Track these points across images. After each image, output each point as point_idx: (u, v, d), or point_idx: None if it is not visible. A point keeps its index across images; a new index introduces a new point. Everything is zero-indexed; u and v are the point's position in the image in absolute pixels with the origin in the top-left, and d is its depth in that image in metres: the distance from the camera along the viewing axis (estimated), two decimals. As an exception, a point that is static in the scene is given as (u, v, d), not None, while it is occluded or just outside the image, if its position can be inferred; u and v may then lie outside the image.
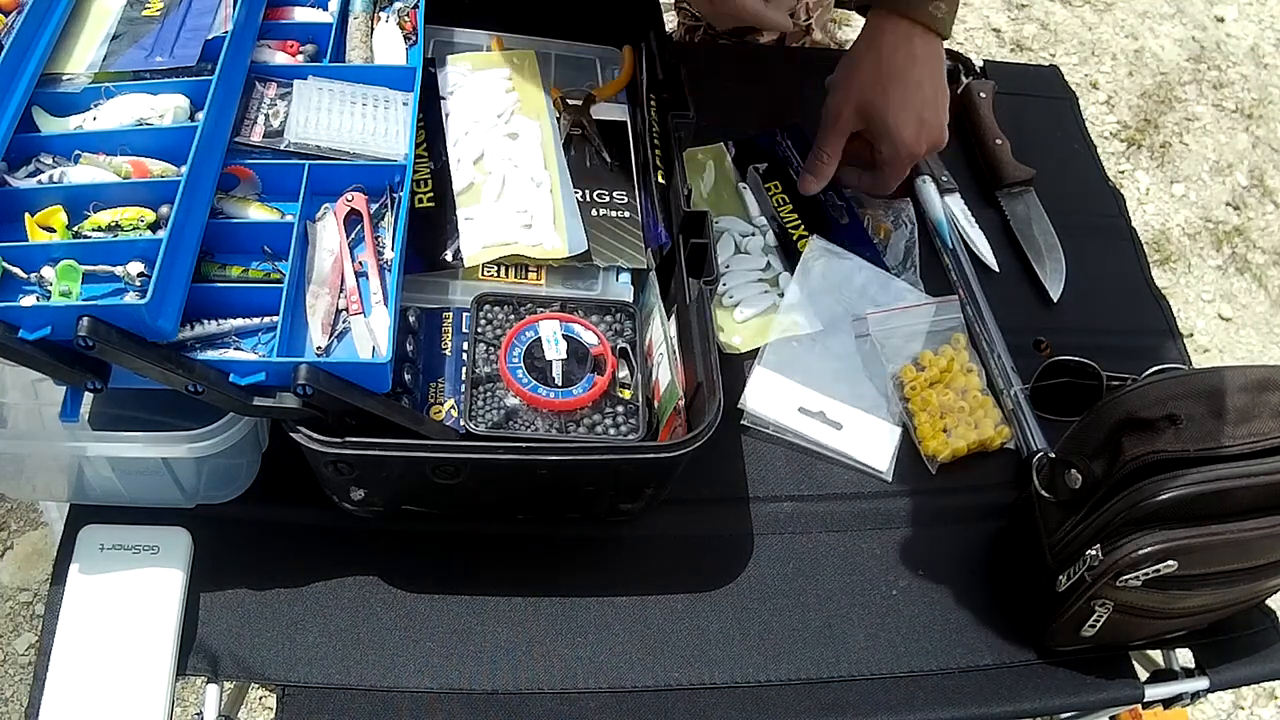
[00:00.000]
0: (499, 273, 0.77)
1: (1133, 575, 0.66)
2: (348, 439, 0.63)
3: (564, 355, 0.72)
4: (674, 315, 0.77)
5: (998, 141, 1.03)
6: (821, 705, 0.72)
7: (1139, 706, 0.77)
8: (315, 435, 0.63)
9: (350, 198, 0.71)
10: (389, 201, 0.72)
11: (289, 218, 0.69)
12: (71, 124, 0.68)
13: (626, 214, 0.81)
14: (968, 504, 0.83)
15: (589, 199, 0.81)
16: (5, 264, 0.60)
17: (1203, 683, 0.77)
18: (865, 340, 0.88)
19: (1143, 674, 0.78)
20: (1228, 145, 2.24)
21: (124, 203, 0.64)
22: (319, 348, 0.66)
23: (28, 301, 0.60)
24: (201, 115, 0.66)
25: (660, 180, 0.82)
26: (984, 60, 1.12)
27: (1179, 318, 0.99)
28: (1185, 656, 0.79)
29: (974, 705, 0.73)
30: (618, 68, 0.93)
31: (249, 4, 0.72)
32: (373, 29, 0.80)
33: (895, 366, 0.87)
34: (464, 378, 0.72)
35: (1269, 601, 0.79)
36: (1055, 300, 0.95)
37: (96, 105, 0.68)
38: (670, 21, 1.34)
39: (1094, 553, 0.68)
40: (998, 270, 0.96)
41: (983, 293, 0.93)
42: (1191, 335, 1.97)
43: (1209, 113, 2.29)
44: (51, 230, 0.63)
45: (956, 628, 0.77)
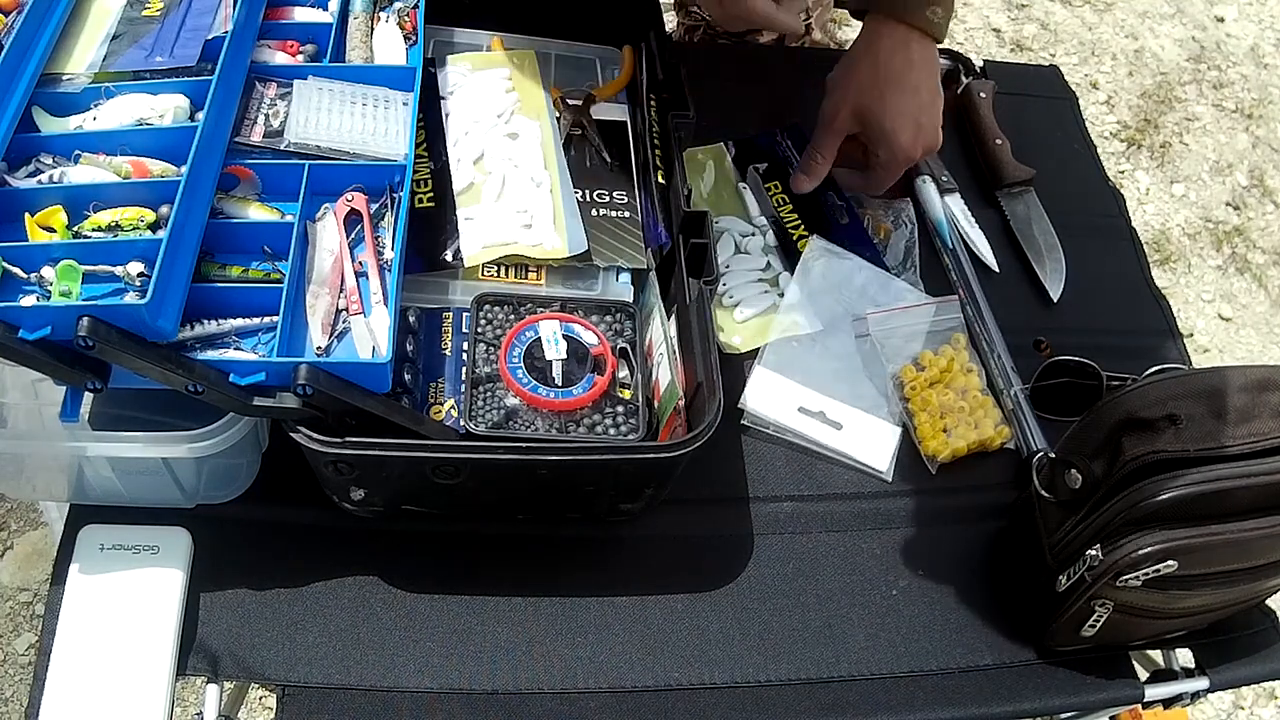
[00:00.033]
0: (499, 273, 0.77)
1: (1133, 575, 0.66)
2: (348, 439, 0.63)
3: (564, 355, 0.72)
4: (674, 315, 0.77)
5: (998, 141, 1.02)
6: (821, 705, 0.72)
7: (1139, 706, 0.77)
8: (315, 435, 0.63)
9: (350, 198, 0.71)
10: (389, 201, 0.72)
11: (289, 218, 0.69)
12: (71, 124, 0.68)
13: (626, 214, 0.81)
14: (968, 504, 0.83)
15: (589, 199, 0.81)
16: (5, 264, 0.60)
17: (1203, 683, 0.77)
18: (865, 340, 0.88)
19: (1143, 674, 0.78)
20: (1228, 145, 2.24)
21: (124, 203, 0.64)
22: (319, 348, 0.66)
23: (28, 301, 0.60)
24: (201, 115, 0.66)
25: (660, 180, 0.82)
26: (984, 60, 1.12)
27: (1179, 318, 0.99)
28: (1185, 656, 0.79)
29: (974, 705, 0.73)
30: (618, 68, 0.93)
31: (249, 4, 0.72)
32: (373, 29, 0.80)
33: (895, 366, 0.87)
34: (464, 378, 0.72)
35: (1269, 601, 0.79)
36: (1055, 300, 0.95)
37: (96, 105, 0.68)
38: (670, 21, 1.34)
39: (1094, 553, 0.68)
40: (998, 270, 0.96)
41: (983, 293, 0.93)
42: (1191, 335, 1.97)
43: (1209, 113, 2.29)
44: (51, 230, 0.63)
45: (956, 628, 0.77)
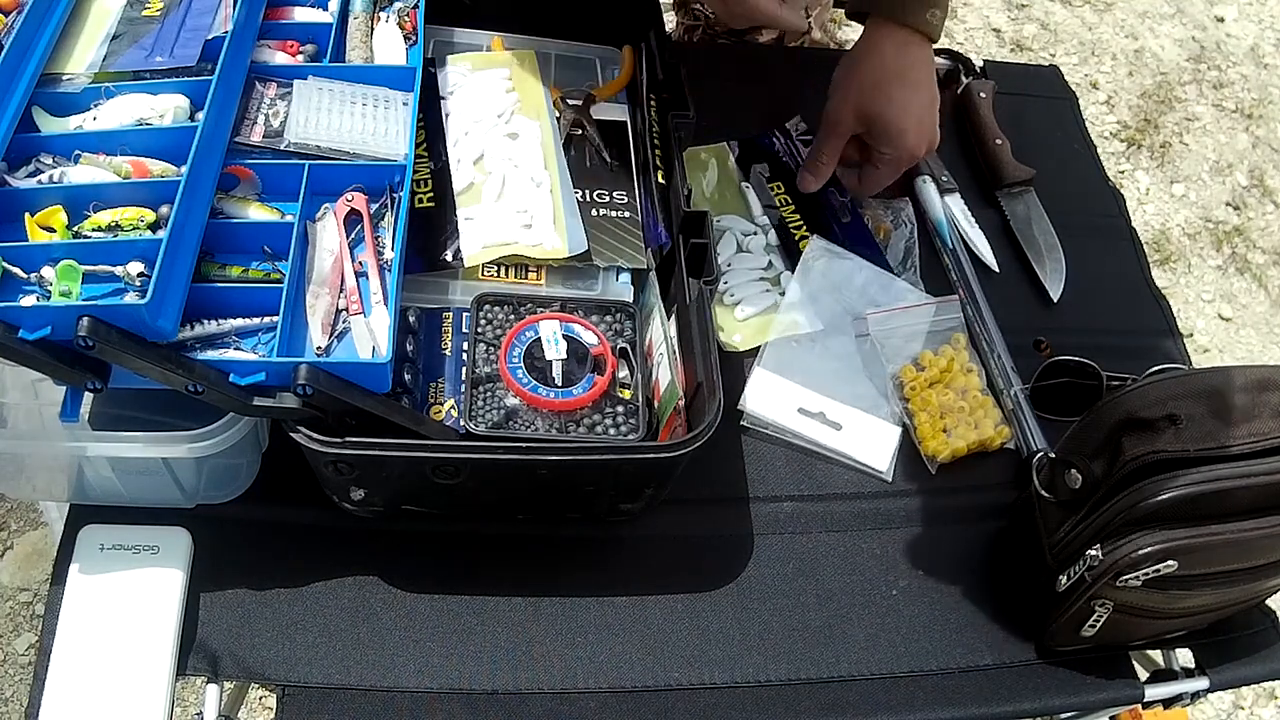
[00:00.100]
0: (499, 273, 0.77)
1: (1133, 575, 0.66)
2: (348, 439, 0.63)
3: (564, 355, 0.72)
4: (674, 315, 0.77)
5: (998, 141, 1.02)
6: (821, 705, 0.72)
7: (1139, 706, 0.77)
8: (315, 435, 0.63)
9: (350, 198, 0.71)
10: (389, 201, 0.72)
11: (289, 218, 0.69)
12: (71, 124, 0.68)
13: (626, 214, 0.81)
14: (968, 504, 0.83)
15: (589, 199, 0.81)
16: (5, 264, 0.60)
17: (1203, 683, 0.77)
18: (865, 340, 0.88)
19: (1143, 674, 0.78)
20: (1228, 145, 2.24)
21: (124, 203, 0.64)
22: (319, 348, 0.66)
23: (28, 301, 0.60)
24: (201, 115, 0.66)
25: (660, 180, 0.82)
26: (984, 60, 1.12)
27: (1179, 318, 0.99)
28: (1185, 656, 0.79)
29: (974, 705, 0.73)
30: (618, 68, 0.93)
31: (249, 4, 0.72)
32: (373, 29, 0.80)
33: (895, 366, 0.87)
34: (464, 378, 0.72)
35: (1269, 601, 0.79)
36: (1055, 300, 0.95)
37: (96, 105, 0.68)
38: (670, 21, 1.34)
39: (1094, 553, 0.68)
40: (998, 270, 0.96)
41: (983, 293, 0.93)
42: (1191, 335, 1.97)
43: (1209, 113, 2.29)
44: (51, 230, 0.63)
45: (956, 628, 0.77)
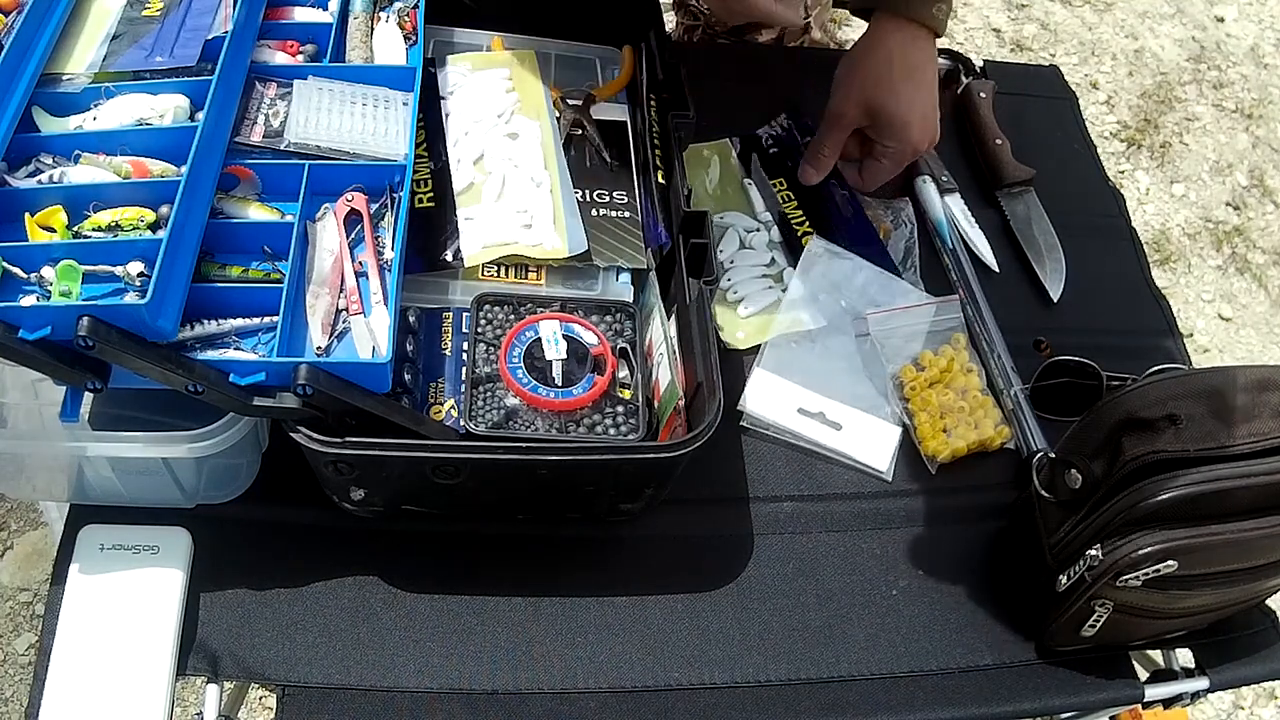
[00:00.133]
0: (499, 273, 0.77)
1: (1133, 575, 0.66)
2: (348, 439, 0.63)
3: (564, 355, 0.72)
4: (674, 315, 0.77)
5: (998, 141, 1.02)
6: (821, 705, 0.72)
7: (1139, 706, 0.77)
8: (315, 435, 0.63)
9: (350, 198, 0.71)
10: (389, 201, 0.72)
11: (289, 218, 0.69)
12: (71, 124, 0.68)
13: (626, 214, 0.81)
14: (968, 504, 0.83)
15: (589, 199, 0.81)
16: (5, 264, 0.60)
17: (1203, 683, 0.77)
18: (865, 340, 0.88)
19: (1143, 674, 0.78)
20: (1228, 145, 2.24)
21: (124, 203, 0.64)
22: (319, 348, 0.66)
23: (28, 301, 0.60)
24: (201, 115, 0.66)
25: (660, 180, 0.82)
26: (984, 60, 1.12)
27: (1179, 318, 0.99)
28: (1185, 656, 0.79)
29: (974, 705, 0.73)
30: (618, 68, 0.93)
31: (249, 4, 0.72)
32: (373, 29, 0.80)
33: (895, 366, 0.87)
34: (464, 378, 0.72)
35: (1269, 601, 0.79)
36: (1055, 300, 0.95)
37: (96, 105, 0.68)
38: (670, 21, 1.34)
39: (1094, 553, 0.68)
40: (998, 270, 0.96)
41: (983, 293, 0.93)
42: (1191, 335, 1.97)
43: (1209, 113, 2.29)
44: (51, 230, 0.63)
45: (956, 628, 0.77)
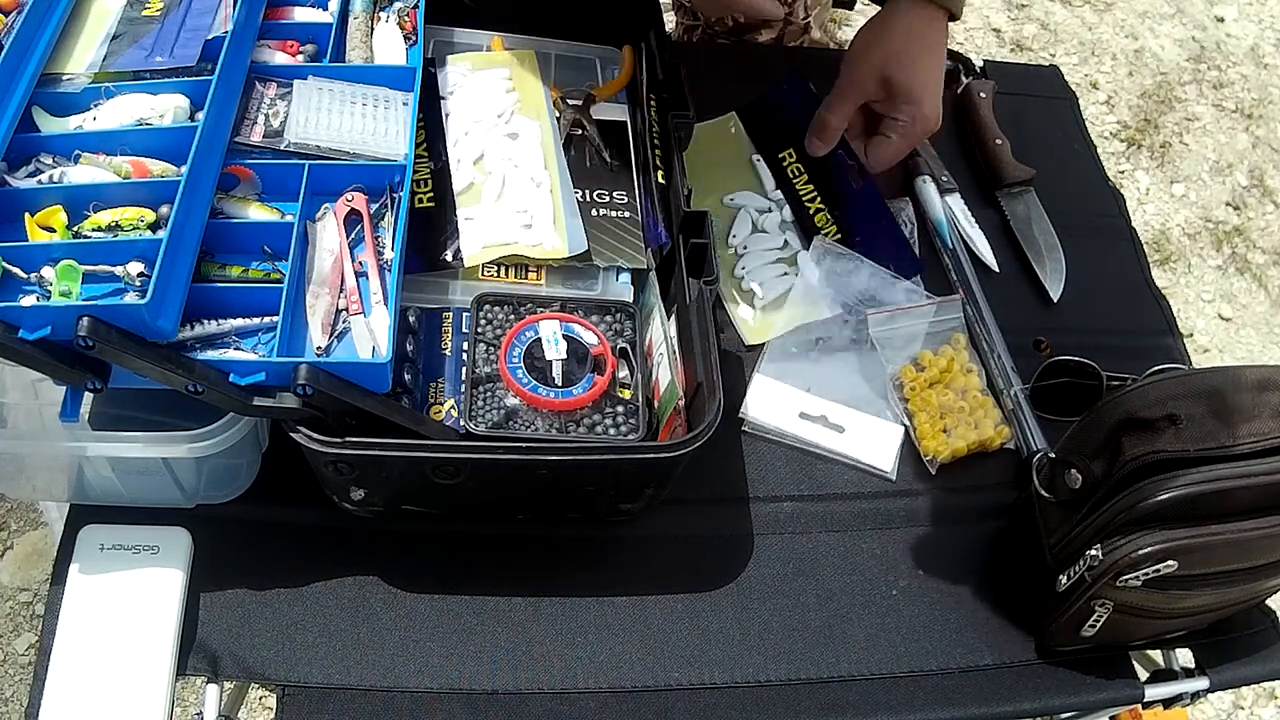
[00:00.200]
0: (499, 273, 0.77)
1: (1133, 575, 0.66)
2: (348, 439, 0.63)
3: (564, 355, 0.72)
4: (674, 315, 0.77)
5: (998, 141, 1.02)
6: (821, 705, 0.72)
7: (1139, 706, 0.77)
8: (315, 435, 0.63)
9: (350, 198, 0.71)
10: (389, 201, 0.72)
11: (289, 218, 0.69)
12: (71, 124, 0.68)
13: (626, 214, 0.81)
14: (968, 504, 0.83)
15: (589, 199, 0.81)
16: (5, 264, 0.60)
17: (1203, 683, 0.77)
18: (865, 340, 0.88)
19: (1143, 674, 0.78)
20: (1228, 145, 2.24)
21: (124, 203, 0.64)
22: (319, 348, 0.66)
23: (28, 301, 0.60)
24: (201, 115, 0.66)
25: (660, 180, 0.82)
26: (984, 60, 1.12)
27: (1179, 318, 0.99)
28: (1185, 656, 0.79)
29: (974, 705, 0.73)
30: (618, 68, 0.93)
31: (249, 4, 0.72)
32: (373, 29, 0.80)
33: (895, 366, 0.87)
34: (464, 378, 0.72)
35: (1269, 601, 0.79)
36: (1055, 300, 0.95)
37: (96, 105, 0.68)
38: (670, 21, 1.34)
39: (1094, 553, 0.68)
40: (998, 270, 0.96)
41: (983, 293, 0.93)
42: (1191, 335, 1.97)
43: (1209, 113, 2.29)
44: (51, 230, 0.63)
45: (956, 628, 0.77)
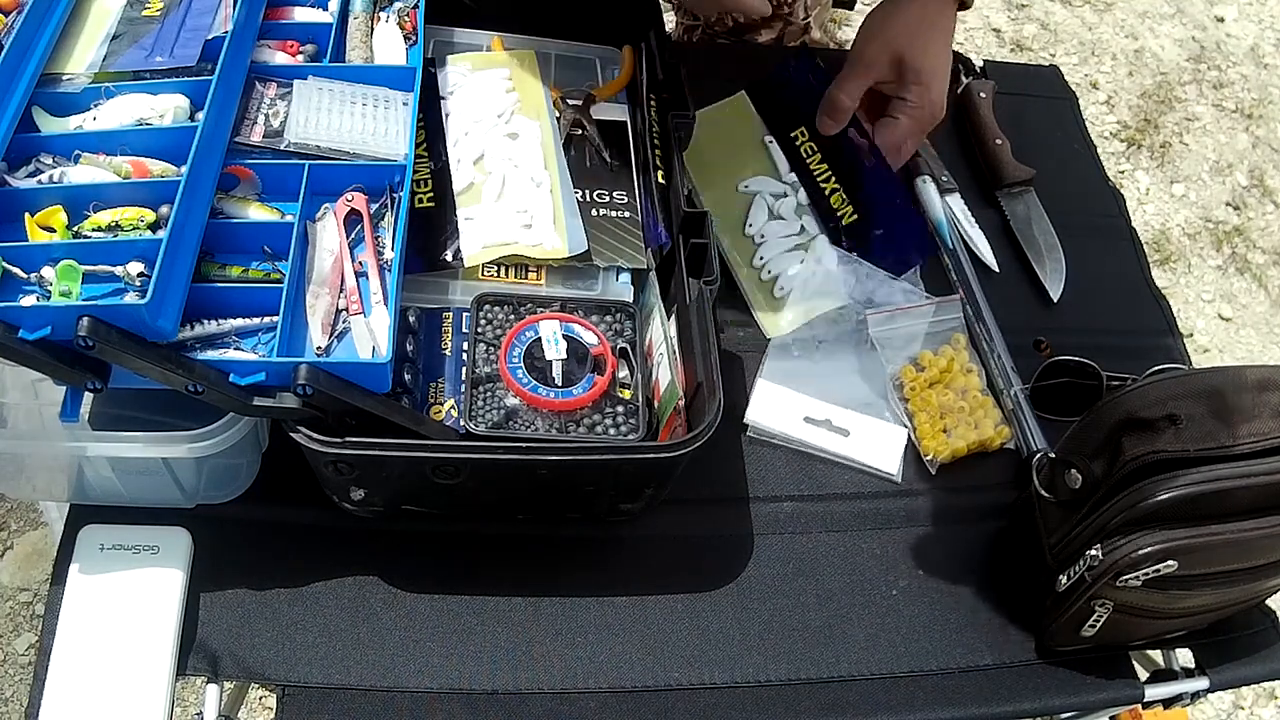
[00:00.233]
0: (499, 273, 0.77)
1: (1133, 575, 0.66)
2: (348, 439, 0.63)
3: (564, 355, 0.72)
4: (674, 315, 0.77)
5: (998, 141, 1.02)
6: (821, 705, 0.72)
7: (1139, 706, 0.77)
8: (315, 435, 0.63)
9: (350, 198, 0.71)
10: (389, 201, 0.72)
11: (289, 218, 0.69)
12: (71, 124, 0.68)
13: (626, 214, 0.81)
14: (968, 504, 0.83)
15: (589, 199, 0.81)
16: (5, 264, 0.60)
17: (1203, 683, 0.77)
18: (865, 341, 0.88)
19: (1143, 674, 0.78)
20: (1228, 145, 2.24)
21: (124, 203, 0.64)
22: (319, 348, 0.66)
23: (28, 301, 0.60)
24: (201, 115, 0.66)
25: (660, 180, 0.82)
26: (984, 60, 1.11)
27: (1179, 318, 0.99)
28: (1185, 656, 0.79)
29: (974, 705, 0.73)
30: (618, 68, 0.93)
31: (249, 4, 0.72)
32: (373, 29, 0.80)
33: (895, 367, 0.87)
34: (464, 378, 0.72)
35: (1269, 601, 0.79)
36: (1055, 300, 0.95)
37: (96, 105, 0.68)
38: (670, 21, 1.34)
39: (1094, 553, 0.68)
40: (998, 270, 0.96)
41: (983, 293, 0.93)
42: (1191, 335, 1.97)
43: (1209, 113, 2.29)
44: (51, 230, 0.63)
45: (956, 628, 0.77)
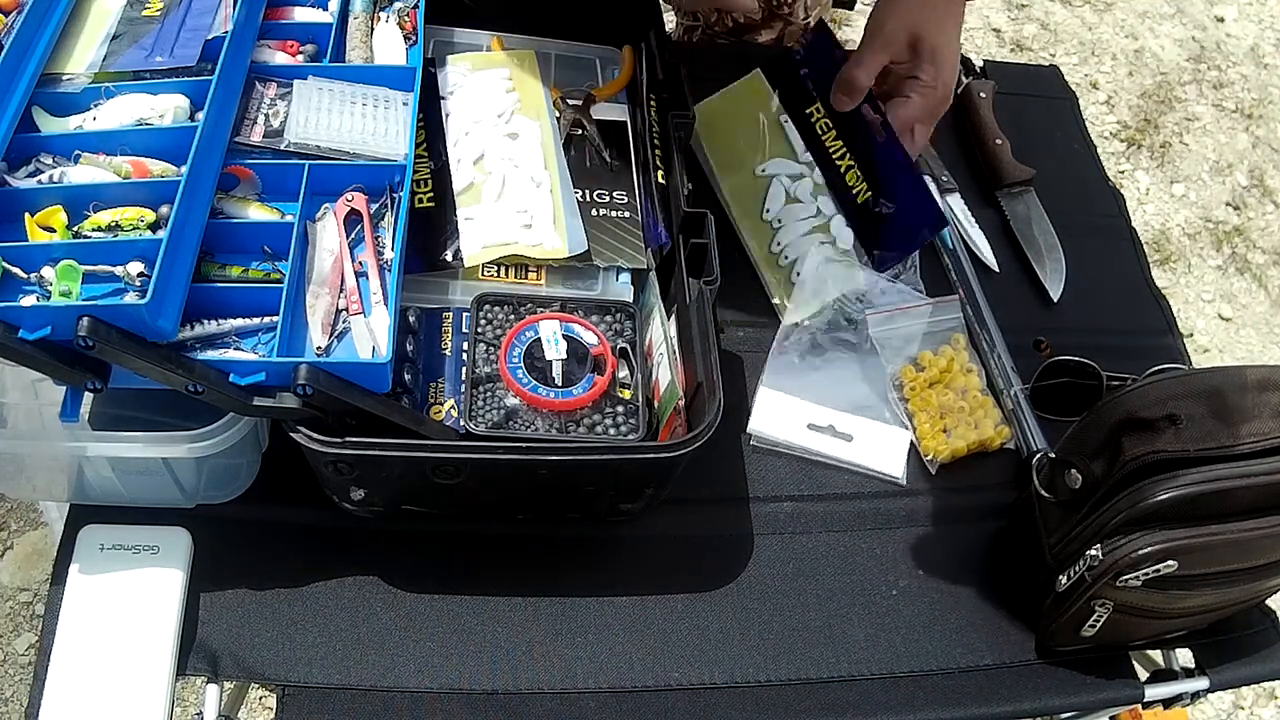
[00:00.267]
0: (499, 273, 0.77)
1: (1133, 575, 0.66)
2: (348, 439, 0.63)
3: (564, 355, 0.72)
4: (674, 315, 0.77)
5: (998, 141, 1.02)
6: (821, 705, 0.72)
7: (1139, 706, 0.77)
8: (315, 435, 0.63)
9: (350, 198, 0.71)
10: (389, 201, 0.72)
11: (289, 218, 0.69)
12: (71, 124, 0.68)
13: (626, 214, 0.81)
14: (968, 504, 0.83)
15: (589, 199, 0.81)
16: (5, 264, 0.60)
17: (1203, 683, 0.77)
18: (865, 343, 0.88)
19: (1143, 674, 0.78)
20: (1228, 145, 2.24)
21: (124, 203, 0.64)
22: (319, 348, 0.66)
23: (28, 301, 0.60)
24: (201, 115, 0.66)
25: (660, 180, 0.82)
26: (984, 60, 1.11)
27: (1179, 318, 0.99)
28: (1185, 656, 0.79)
29: (974, 705, 0.73)
30: (618, 68, 0.93)
31: (249, 4, 0.72)
32: (373, 29, 0.80)
33: (895, 367, 0.87)
34: (464, 378, 0.72)
35: (1269, 601, 0.79)
36: (1055, 300, 0.95)
37: (96, 105, 0.68)
38: (670, 21, 1.34)
39: (1094, 553, 0.68)
40: (998, 270, 0.96)
41: (983, 293, 0.93)
42: (1191, 335, 1.97)
43: (1209, 113, 2.29)
44: (51, 230, 0.63)
45: (956, 628, 0.77)
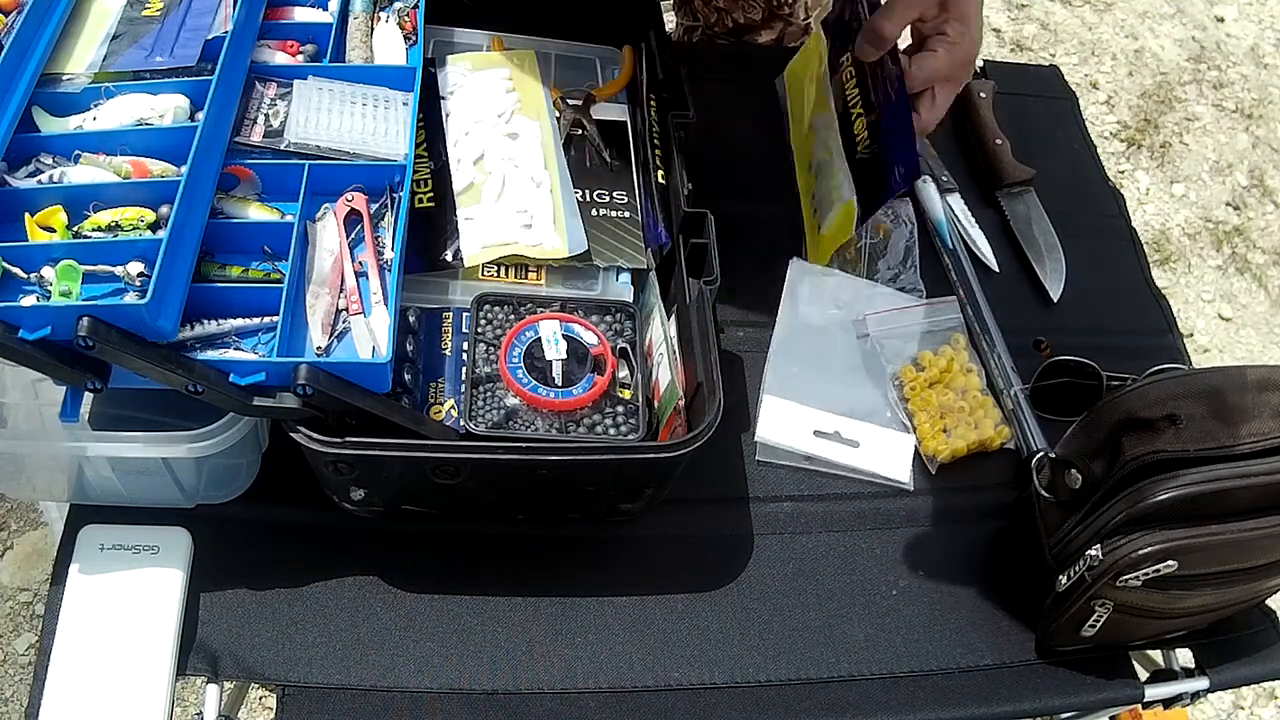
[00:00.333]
0: (499, 273, 0.77)
1: (1133, 575, 0.66)
2: (348, 439, 0.63)
3: (564, 355, 0.72)
4: (674, 315, 0.77)
5: (998, 141, 1.02)
6: (821, 705, 0.72)
7: (1139, 706, 0.77)
8: (315, 435, 0.63)
9: (350, 198, 0.71)
10: (389, 201, 0.72)
11: (289, 218, 0.69)
12: (71, 124, 0.68)
13: (626, 214, 0.81)
14: (968, 504, 0.83)
15: (589, 199, 0.81)
16: (5, 264, 0.60)
17: (1203, 683, 0.77)
18: (865, 342, 0.88)
19: (1143, 674, 0.78)
20: (1228, 145, 2.24)
21: (124, 203, 0.64)
22: (319, 348, 0.66)
23: (28, 301, 0.60)
24: (201, 115, 0.66)
25: (660, 180, 0.82)
26: (984, 60, 1.11)
27: (1179, 318, 0.99)
28: (1185, 656, 0.79)
29: (974, 705, 0.73)
30: (618, 68, 0.93)
31: (249, 4, 0.72)
32: (373, 29, 0.80)
33: (895, 367, 0.87)
34: (464, 378, 0.72)
35: (1269, 601, 0.79)
36: (1055, 300, 0.95)
37: (96, 105, 0.68)
38: (670, 21, 1.34)
39: (1094, 553, 0.68)
40: (998, 270, 0.96)
41: (983, 293, 0.93)
42: (1191, 335, 1.97)
43: (1209, 113, 2.29)
44: (51, 230, 0.63)
45: (956, 628, 0.77)
